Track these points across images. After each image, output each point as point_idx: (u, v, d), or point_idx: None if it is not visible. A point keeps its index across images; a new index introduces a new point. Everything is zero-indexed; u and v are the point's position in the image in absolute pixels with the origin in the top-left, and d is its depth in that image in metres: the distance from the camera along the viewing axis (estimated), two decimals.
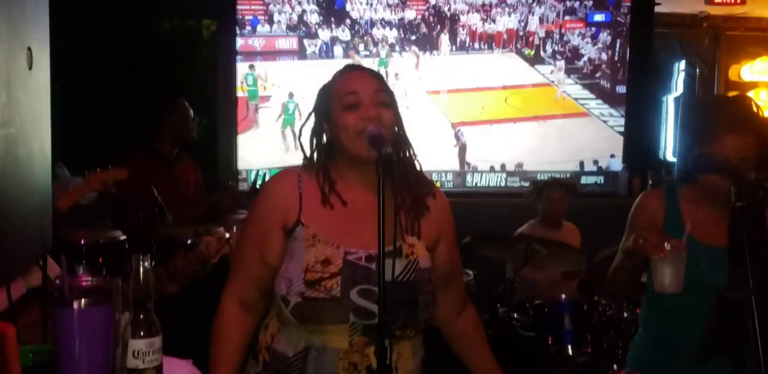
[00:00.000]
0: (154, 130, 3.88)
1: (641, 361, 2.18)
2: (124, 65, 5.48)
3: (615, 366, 3.29)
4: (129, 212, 3.46)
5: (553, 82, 5.25)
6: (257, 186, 3.93)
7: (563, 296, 3.39)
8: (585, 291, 3.50)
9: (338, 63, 4.32)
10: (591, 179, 5.49)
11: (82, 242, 2.95)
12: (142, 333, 1.20)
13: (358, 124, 1.60)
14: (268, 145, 4.96)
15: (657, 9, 5.45)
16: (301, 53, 4.93)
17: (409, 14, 4.98)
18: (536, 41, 5.16)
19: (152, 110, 3.97)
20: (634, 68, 5.44)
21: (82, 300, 1.16)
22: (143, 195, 3.43)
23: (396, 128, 1.67)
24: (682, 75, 6.18)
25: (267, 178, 4.10)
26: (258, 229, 1.69)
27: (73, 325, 1.15)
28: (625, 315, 3.36)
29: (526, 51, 5.20)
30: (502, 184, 5.32)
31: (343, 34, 4.89)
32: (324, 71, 1.76)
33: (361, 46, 4.92)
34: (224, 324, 1.71)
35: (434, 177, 5.30)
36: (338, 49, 4.90)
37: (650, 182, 5.63)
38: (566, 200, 4.22)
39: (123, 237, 3.07)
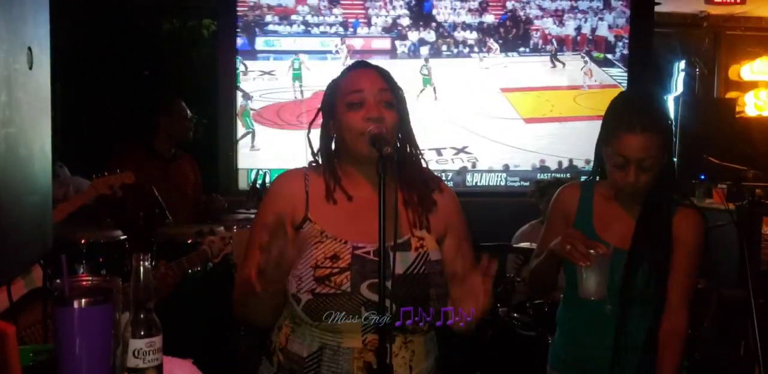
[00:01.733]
0: (150, 129, 3.90)
1: (559, 361, 2.17)
2: (124, 65, 5.48)
3: None
4: (129, 212, 3.47)
5: (620, 83, 5.49)
6: (257, 186, 3.94)
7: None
8: None
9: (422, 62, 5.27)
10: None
11: (83, 242, 2.95)
12: (142, 333, 1.20)
13: (360, 124, 1.60)
14: None
15: (657, 9, 5.46)
16: (392, 52, 5.40)
17: (488, 18, 5.48)
18: (605, 45, 5.53)
19: (149, 110, 3.99)
20: (634, 68, 5.45)
21: (83, 300, 1.15)
22: (143, 195, 3.44)
23: (399, 128, 1.67)
24: (682, 75, 6.19)
25: (267, 178, 4.15)
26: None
27: (74, 325, 1.15)
28: None
29: (596, 54, 5.51)
30: (502, 183, 5.34)
31: (429, 35, 5.42)
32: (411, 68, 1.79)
33: (444, 47, 5.41)
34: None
35: None
36: (424, 49, 5.41)
37: None
38: None
39: (123, 237, 3.08)
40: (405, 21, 5.37)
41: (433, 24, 5.39)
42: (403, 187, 1.66)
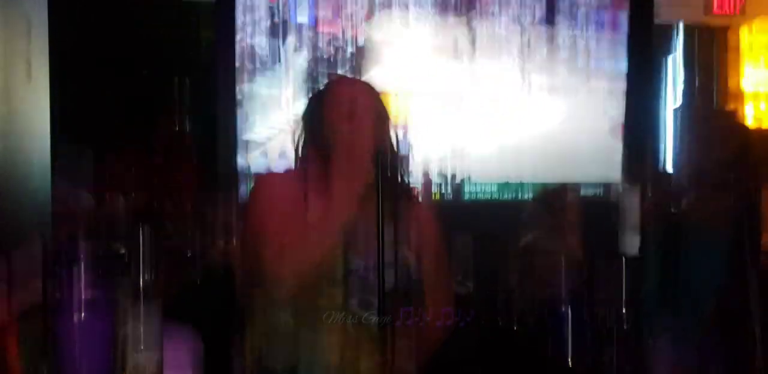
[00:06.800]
0: (149, 128, 3.91)
1: None
2: (123, 63, 5.46)
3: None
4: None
5: None
6: None
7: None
8: (585, 296, 3.50)
9: None
10: (591, 191, 5.46)
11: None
12: (142, 332, 1.21)
13: (360, 136, 1.57)
14: None
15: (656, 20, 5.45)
16: None
17: None
18: None
19: (149, 108, 4.00)
20: (634, 79, 5.45)
21: (83, 300, 1.17)
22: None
23: (389, 140, 1.68)
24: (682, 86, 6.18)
25: None
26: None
27: (74, 324, 1.16)
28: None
29: None
30: (496, 197, 5.28)
31: None
32: None
33: None
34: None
35: (432, 188, 5.25)
36: None
37: (650, 193, 5.61)
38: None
39: None
40: None
41: None
42: (385, 199, 1.64)
